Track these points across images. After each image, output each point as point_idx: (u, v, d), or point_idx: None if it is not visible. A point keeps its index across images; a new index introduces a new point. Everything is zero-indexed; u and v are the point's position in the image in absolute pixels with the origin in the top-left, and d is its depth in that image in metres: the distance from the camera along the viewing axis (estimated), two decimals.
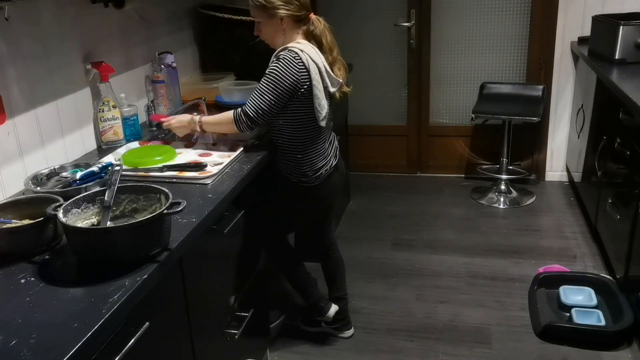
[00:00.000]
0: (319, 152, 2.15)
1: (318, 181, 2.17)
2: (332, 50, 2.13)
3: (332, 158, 2.23)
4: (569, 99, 3.85)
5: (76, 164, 1.89)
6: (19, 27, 1.84)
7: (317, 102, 2.03)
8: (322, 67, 2.04)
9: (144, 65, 2.64)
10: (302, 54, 1.99)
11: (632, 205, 2.42)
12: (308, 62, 1.99)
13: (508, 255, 3.13)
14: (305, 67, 1.99)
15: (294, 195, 2.20)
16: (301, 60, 1.99)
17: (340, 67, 2.17)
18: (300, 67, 1.99)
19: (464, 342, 2.47)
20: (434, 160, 4.28)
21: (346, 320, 2.54)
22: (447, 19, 3.94)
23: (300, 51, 1.99)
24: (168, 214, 1.37)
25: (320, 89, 2.03)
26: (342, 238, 3.39)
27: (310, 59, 2.00)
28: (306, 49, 2.01)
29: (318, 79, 2.02)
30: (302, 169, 2.14)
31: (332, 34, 2.15)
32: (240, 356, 2.06)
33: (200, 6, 3.12)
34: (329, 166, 2.20)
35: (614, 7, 3.53)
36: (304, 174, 2.14)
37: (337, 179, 2.28)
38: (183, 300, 1.58)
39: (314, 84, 2.01)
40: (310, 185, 2.17)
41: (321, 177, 2.17)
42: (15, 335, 1.11)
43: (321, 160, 2.16)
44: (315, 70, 2.01)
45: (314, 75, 2.00)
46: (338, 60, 2.16)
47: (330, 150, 2.22)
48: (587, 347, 2.38)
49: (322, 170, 2.17)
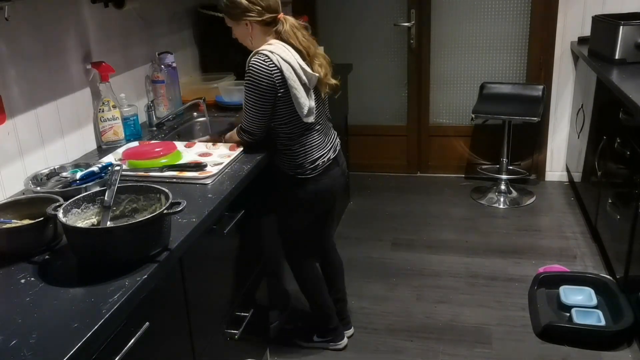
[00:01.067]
0: (312, 143, 2.11)
1: (315, 172, 2.13)
2: (307, 48, 2.08)
3: (331, 151, 2.19)
4: (569, 99, 3.85)
5: (76, 164, 1.89)
6: (19, 27, 1.84)
7: (296, 100, 2.01)
8: (295, 65, 2.00)
9: (144, 65, 2.64)
10: (272, 55, 1.96)
11: (632, 205, 2.42)
12: (279, 62, 1.96)
13: (508, 255, 3.13)
14: (277, 67, 1.96)
15: (293, 191, 2.17)
16: (272, 62, 1.96)
17: (322, 63, 2.13)
18: (272, 68, 1.96)
19: (464, 342, 2.47)
20: (434, 160, 4.28)
21: (346, 320, 2.54)
22: (447, 19, 3.94)
23: (270, 52, 1.96)
24: (168, 214, 1.37)
25: (297, 87, 1.99)
26: (342, 238, 3.39)
27: (281, 59, 1.96)
28: (276, 50, 1.98)
29: (294, 78, 1.99)
30: (297, 161, 2.11)
31: (303, 30, 2.10)
32: (240, 356, 2.06)
33: (200, 6, 3.12)
34: (326, 158, 2.15)
35: (614, 7, 3.53)
36: (300, 166, 2.11)
37: (337, 174, 2.23)
38: (183, 300, 1.58)
39: (290, 83, 1.98)
40: (308, 177, 2.13)
41: (318, 168, 2.13)
42: (15, 335, 1.11)
43: (317, 151, 2.12)
44: (288, 69, 1.97)
45: (288, 74, 1.97)
46: (318, 56, 2.12)
47: (328, 143, 2.19)
48: (587, 347, 2.38)
49: (318, 162, 2.12)
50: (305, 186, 2.15)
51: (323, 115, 2.19)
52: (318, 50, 2.14)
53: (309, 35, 2.13)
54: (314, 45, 2.12)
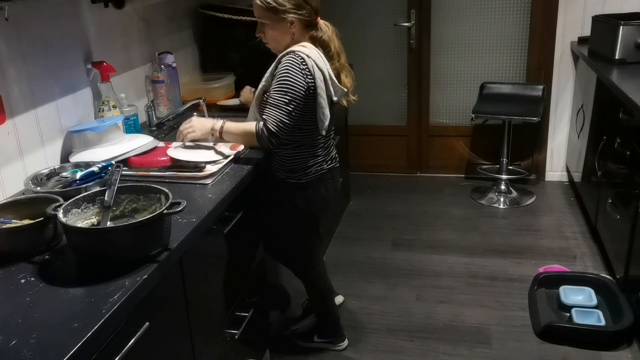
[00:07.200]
0: (311, 152, 2.06)
1: (307, 178, 2.07)
2: (339, 57, 2.03)
3: (325, 163, 2.12)
4: (569, 99, 3.85)
5: (76, 164, 1.89)
6: (19, 27, 1.84)
7: (321, 111, 1.94)
8: (327, 75, 1.94)
9: (144, 65, 2.64)
10: (308, 59, 1.89)
11: (632, 205, 2.42)
12: (314, 69, 1.90)
13: (508, 255, 3.13)
14: (311, 73, 1.90)
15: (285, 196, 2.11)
16: (307, 66, 1.89)
17: (347, 74, 2.07)
18: (307, 73, 1.90)
19: (464, 342, 2.47)
20: (434, 160, 4.28)
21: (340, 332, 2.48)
22: (447, 19, 3.94)
23: (307, 56, 1.90)
24: (168, 214, 1.37)
25: (324, 97, 1.93)
26: (342, 238, 3.39)
27: (315, 65, 1.90)
28: (312, 54, 1.91)
29: (323, 87, 1.93)
30: (290, 166, 2.05)
31: (339, 39, 2.06)
32: (240, 356, 2.06)
33: (200, 6, 3.12)
34: (320, 167, 2.09)
35: (614, 7, 3.53)
36: (292, 170, 2.06)
37: (330, 185, 2.15)
38: (183, 300, 1.58)
39: (319, 92, 1.92)
40: (299, 182, 2.07)
41: (310, 175, 2.07)
42: (15, 335, 1.11)
43: (312, 159, 2.06)
44: (320, 78, 1.91)
45: (319, 83, 1.91)
46: (345, 67, 2.07)
47: (326, 156, 2.12)
48: (587, 347, 2.38)
49: (312, 169, 2.07)
50: (296, 191, 2.09)
51: (331, 130, 2.13)
52: (346, 62, 2.09)
53: (341, 45, 2.08)
54: (344, 56, 2.07)
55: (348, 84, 2.07)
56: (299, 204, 2.12)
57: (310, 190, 2.10)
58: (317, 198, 2.13)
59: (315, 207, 2.16)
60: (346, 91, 2.05)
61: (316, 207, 2.17)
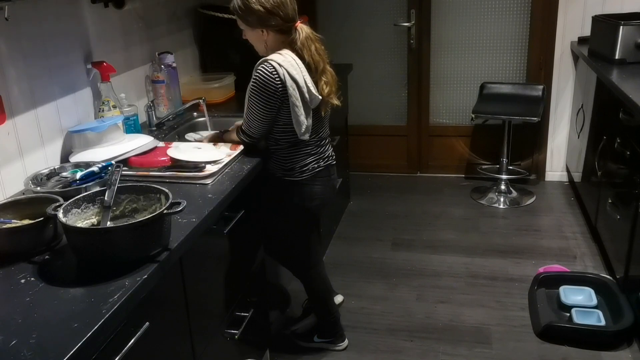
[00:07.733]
0: (304, 151, 2.09)
1: (304, 176, 2.09)
2: (317, 63, 2.02)
3: (322, 161, 2.15)
4: (569, 99, 3.85)
5: (76, 164, 1.89)
6: (19, 27, 1.84)
7: (295, 118, 1.98)
8: (302, 84, 1.96)
9: (144, 65, 2.64)
10: (279, 68, 1.92)
11: (632, 205, 2.42)
12: (285, 77, 1.92)
13: (508, 255, 3.13)
14: (282, 81, 1.92)
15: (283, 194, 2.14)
16: (278, 75, 1.92)
17: (328, 80, 2.06)
18: (277, 81, 1.92)
19: (464, 342, 2.47)
20: (434, 160, 4.28)
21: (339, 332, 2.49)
22: (447, 19, 3.94)
23: (279, 65, 1.92)
24: (168, 214, 1.37)
25: (298, 104, 1.96)
26: (342, 238, 3.39)
27: (287, 74, 1.92)
28: (285, 63, 1.93)
29: (296, 96, 1.95)
30: (287, 165, 2.09)
31: (318, 42, 2.04)
32: (240, 356, 2.06)
33: (200, 6, 3.12)
34: (317, 164, 2.12)
35: (614, 7, 3.53)
36: (290, 169, 2.09)
37: (327, 183, 2.19)
38: (183, 300, 1.58)
39: (292, 100, 1.95)
40: (297, 180, 2.10)
41: (307, 172, 2.10)
42: (15, 335, 1.11)
43: (307, 157, 2.10)
44: (292, 86, 1.94)
45: (291, 91, 1.94)
46: (326, 72, 2.06)
47: (321, 154, 2.15)
48: (587, 347, 2.38)
49: (309, 166, 2.10)
50: (294, 189, 2.12)
51: (320, 132, 2.14)
52: (327, 66, 2.08)
53: (322, 48, 2.06)
54: (324, 61, 2.06)
55: (327, 91, 2.06)
56: (297, 201, 2.14)
57: (307, 187, 2.13)
58: (314, 195, 2.16)
59: (313, 203, 2.18)
60: (320, 99, 2.04)
61: (313, 204, 2.18)
